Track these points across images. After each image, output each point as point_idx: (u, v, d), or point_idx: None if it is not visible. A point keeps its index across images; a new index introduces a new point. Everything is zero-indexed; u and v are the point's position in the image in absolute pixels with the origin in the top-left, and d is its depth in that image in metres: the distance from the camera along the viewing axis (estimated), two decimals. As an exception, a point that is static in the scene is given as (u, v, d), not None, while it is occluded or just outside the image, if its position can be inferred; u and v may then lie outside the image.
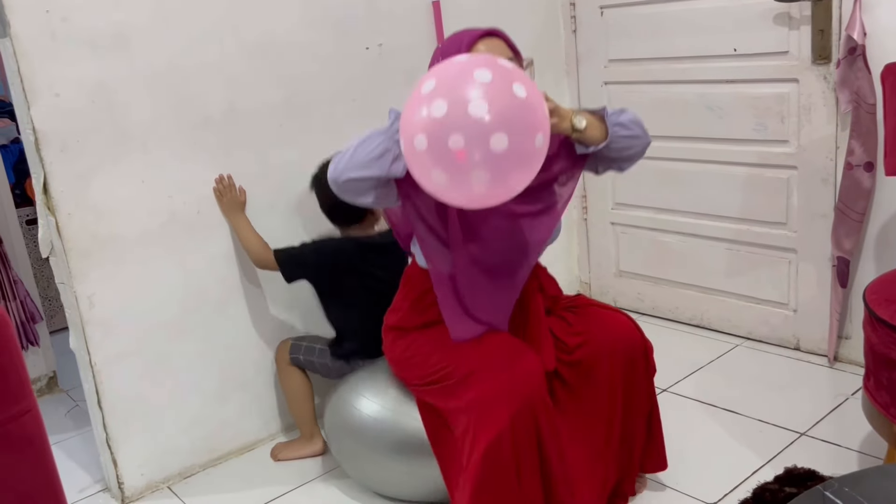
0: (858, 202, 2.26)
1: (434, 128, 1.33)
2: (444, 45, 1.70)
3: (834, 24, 2.24)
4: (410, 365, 1.81)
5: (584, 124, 1.59)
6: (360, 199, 1.60)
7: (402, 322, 1.85)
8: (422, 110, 1.35)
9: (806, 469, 1.80)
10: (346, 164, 1.55)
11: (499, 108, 1.31)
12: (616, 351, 1.75)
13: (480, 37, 1.64)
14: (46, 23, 1.90)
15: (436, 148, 1.33)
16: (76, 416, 2.70)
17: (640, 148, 1.70)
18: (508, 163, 1.34)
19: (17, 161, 3.40)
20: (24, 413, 1.20)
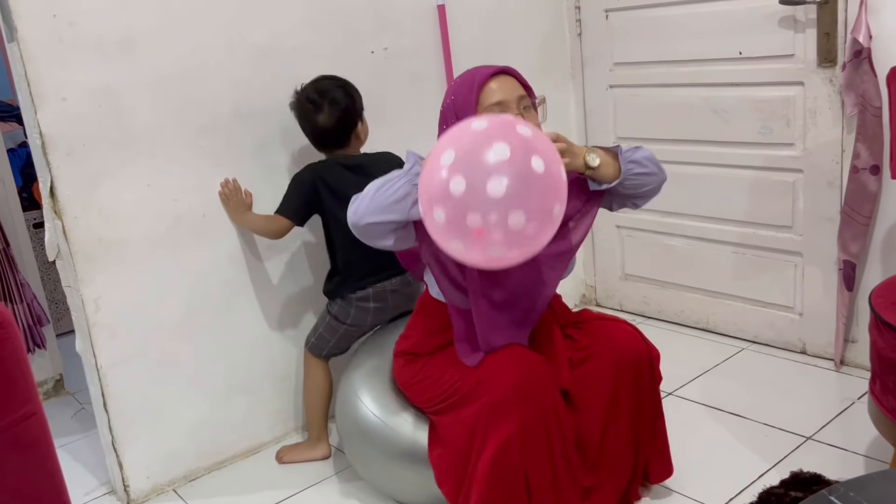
0: (864, 205, 2.25)
1: (452, 204, 1.34)
2: (455, 83, 1.70)
3: (839, 27, 2.23)
4: (422, 388, 1.81)
5: (597, 162, 1.61)
6: (380, 242, 1.63)
7: (415, 348, 1.87)
8: (441, 182, 1.35)
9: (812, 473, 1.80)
10: (366, 209, 1.58)
11: (517, 186, 1.32)
12: (621, 361, 1.74)
13: (492, 75, 1.65)
14: (53, 27, 1.91)
15: (454, 223, 1.36)
16: (82, 419, 2.71)
17: (654, 185, 1.72)
18: (526, 237, 1.37)
19: (25, 165, 3.42)
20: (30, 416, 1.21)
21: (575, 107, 3.04)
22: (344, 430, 2.03)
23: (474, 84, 1.64)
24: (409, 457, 1.86)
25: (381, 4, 2.46)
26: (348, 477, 2.17)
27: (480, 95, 1.63)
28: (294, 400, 2.44)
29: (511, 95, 1.64)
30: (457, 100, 1.66)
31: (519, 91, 1.66)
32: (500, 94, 1.63)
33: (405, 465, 1.87)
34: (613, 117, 2.92)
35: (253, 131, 2.25)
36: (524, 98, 1.66)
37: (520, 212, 1.33)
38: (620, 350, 1.75)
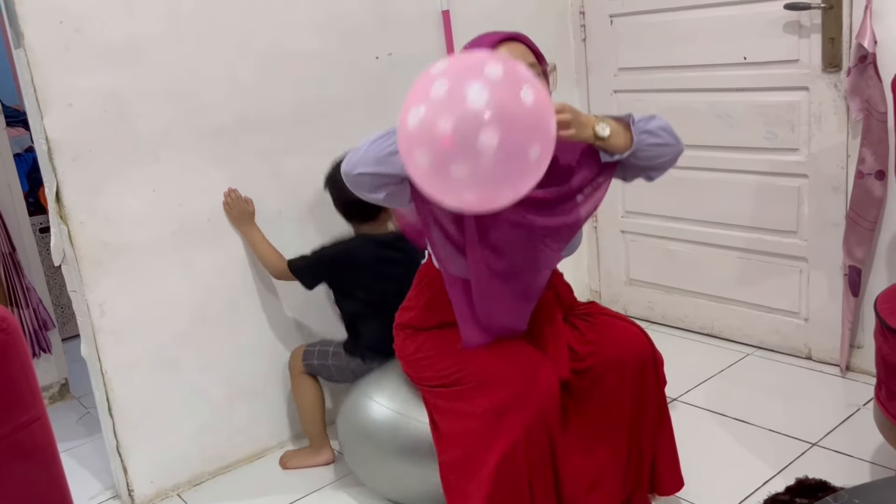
0: (870, 211, 2.25)
1: (429, 106, 1.29)
2: (466, 46, 1.68)
3: (844, 33, 2.23)
4: (422, 366, 1.79)
5: (607, 132, 1.55)
6: (371, 194, 1.58)
7: (415, 321, 1.84)
8: (425, 85, 1.31)
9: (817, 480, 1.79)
10: (359, 159, 1.55)
11: (499, 106, 1.25)
12: (626, 362, 1.73)
13: (503, 40, 1.62)
14: (60, 34, 1.92)
15: (424, 127, 1.29)
16: (87, 423, 2.71)
17: (670, 156, 1.65)
18: (495, 167, 1.28)
19: (31, 170, 3.43)
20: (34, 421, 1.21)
21: (579, 112, 3.03)
22: (346, 433, 2.03)
23: (484, 48, 1.60)
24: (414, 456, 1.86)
25: (386, 10, 2.47)
26: (352, 482, 2.16)
27: None
28: (298, 405, 2.44)
29: (521, 62, 1.61)
30: None
31: (529, 58, 1.62)
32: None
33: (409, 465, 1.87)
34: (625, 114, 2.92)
35: (258, 137, 2.26)
36: (534, 66, 1.61)
37: (493, 133, 1.24)
38: (626, 349, 1.73)
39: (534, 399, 1.61)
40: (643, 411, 1.77)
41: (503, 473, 1.59)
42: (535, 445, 1.61)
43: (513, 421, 1.59)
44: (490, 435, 1.60)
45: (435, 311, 1.81)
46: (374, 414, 1.94)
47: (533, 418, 1.60)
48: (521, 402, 1.60)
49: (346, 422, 2.03)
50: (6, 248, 2.72)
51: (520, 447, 1.58)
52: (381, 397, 1.96)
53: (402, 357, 1.87)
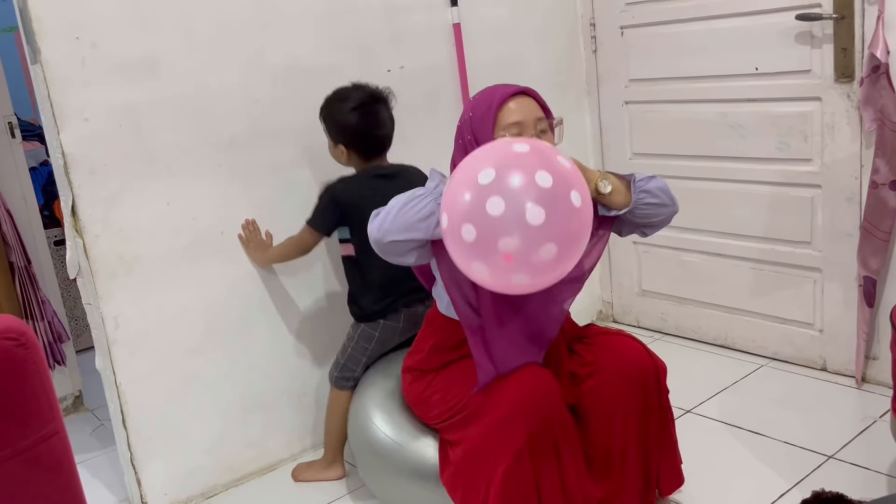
0: (884, 221, 2.24)
1: (486, 224, 1.34)
2: (474, 100, 1.71)
3: (857, 43, 2.23)
4: (430, 404, 1.81)
5: (608, 189, 1.61)
6: (401, 259, 1.63)
7: (422, 364, 1.86)
8: (477, 199, 1.34)
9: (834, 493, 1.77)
10: (390, 226, 1.58)
11: (555, 218, 1.32)
12: (626, 376, 1.73)
13: (511, 95, 1.65)
14: (76, 49, 1.94)
15: (484, 244, 1.35)
16: (101, 436, 2.72)
17: (665, 216, 1.71)
18: (552, 270, 1.38)
19: (46, 183, 3.46)
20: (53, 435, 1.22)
21: (590, 123, 3.04)
22: (357, 448, 2.02)
23: (493, 103, 1.64)
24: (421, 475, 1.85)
25: (398, 23, 2.48)
26: (362, 496, 2.16)
27: (499, 115, 1.64)
28: (311, 417, 2.44)
29: (529, 116, 1.64)
30: (475, 117, 1.66)
31: (537, 112, 1.66)
32: (519, 114, 1.63)
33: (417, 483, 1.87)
34: (629, 134, 2.92)
35: (271, 150, 2.27)
36: (542, 120, 1.66)
37: (552, 244, 1.33)
38: (625, 364, 1.74)
39: (537, 408, 1.61)
40: (648, 420, 1.76)
41: (510, 483, 1.59)
42: (541, 454, 1.61)
43: (516, 430, 1.59)
44: (495, 446, 1.60)
45: (441, 354, 1.83)
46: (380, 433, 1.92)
47: (536, 427, 1.59)
48: (523, 411, 1.60)
49: (356, 436, 2.02)
50: (22, 260, 2.74)
51: (524, 456, 1.58)
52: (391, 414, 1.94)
53: (410, 400, 1.89)
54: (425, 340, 1.87)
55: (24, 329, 1.17)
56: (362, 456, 2.00)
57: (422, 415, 1.86)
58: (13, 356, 1.15)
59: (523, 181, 1.33)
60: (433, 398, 1.80)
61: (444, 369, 1.82)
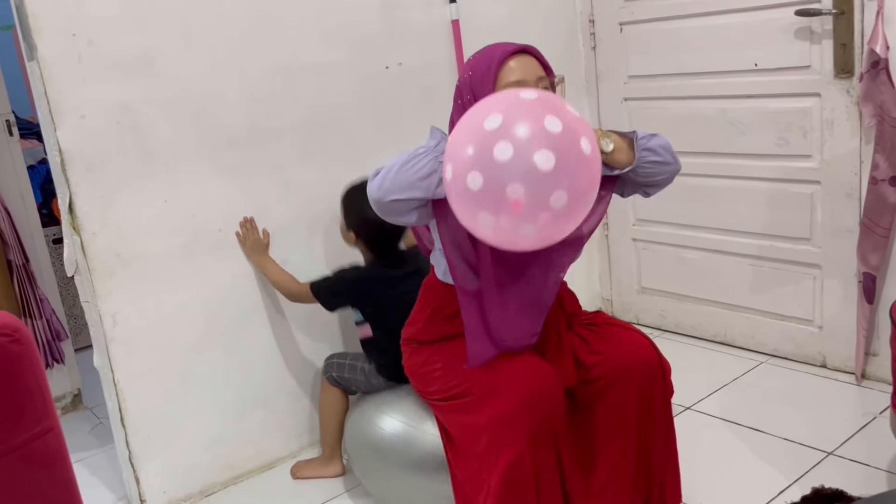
0: (884, 217, 2.23)
1: (494, 170, 1.29)
2: (474, 58, 1.68)
3: (856, 38, 2.22)
4: (429, 379, 1.79)
5: (611, 147, 1.57)
6: (402, 219, 1.60)
7: (419, 335, 1.84)
8: (484, 145, 1.30)
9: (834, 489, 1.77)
10: (390, 184, 1.53)
11: (565, 164, 1.28)
12: (633, 371, 1.72)
13: (513, 53, 1.62)
14: (73, 46, 1.93)
15: (491, 191, 1.30)
16: (100, 434, 2.72)
17: (668, 175, 1.68)
18: (562, 221, 1.34)
19: (44, 181, 3.46)
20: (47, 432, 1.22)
21: (590, 120, 3.03)
22: (354, 445, 2.02)
23: (493, 61, 1.61)
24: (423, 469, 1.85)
25: (396, 20, 2.48)
26: (361, 493, 2.16)
27: (499, 73, 1.60)
28: (309, 415, 2.44)
29: (530, 75, 1.61)
30: (475, 76, 1.64)
31: (538, 71, 1.62)
32: (520, 72, 1.60)
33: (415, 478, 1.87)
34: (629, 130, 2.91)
35: (269, 148, 2.27)
36: (543, 79, 1.62)
37: (562, 191, 1.28)
38: (633, 359, 1.72)
39: (538, 406, 1.60)
40: (651, 420, 1.75)
41: (510, 482, 1.58)
42: (541, 453, 1.60)
43: (517, 429, 1.58)
44: (496, 444, 1.60)
45: (438, 324, 1.81)
46: (381, 427, 1.93)
47: (537, 426, 1.59)
48: (525, 409, 1.59)
49: (355, 435, 2.02)
50: (20, 259, 2.74)
51: (525, 455, 1.57)
52: (390, 410, 1.95)
53: (410, 371, 1.87)
54: (422, 310, 1.84)
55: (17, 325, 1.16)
56: (360, 453, 2.00)
57: (419, 387, 1.83)
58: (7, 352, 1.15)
59: (532, 126, 1.28)
60: (434, 374, 1.77)
61: (443, 343, 1.79)
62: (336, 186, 2.18)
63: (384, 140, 2.46)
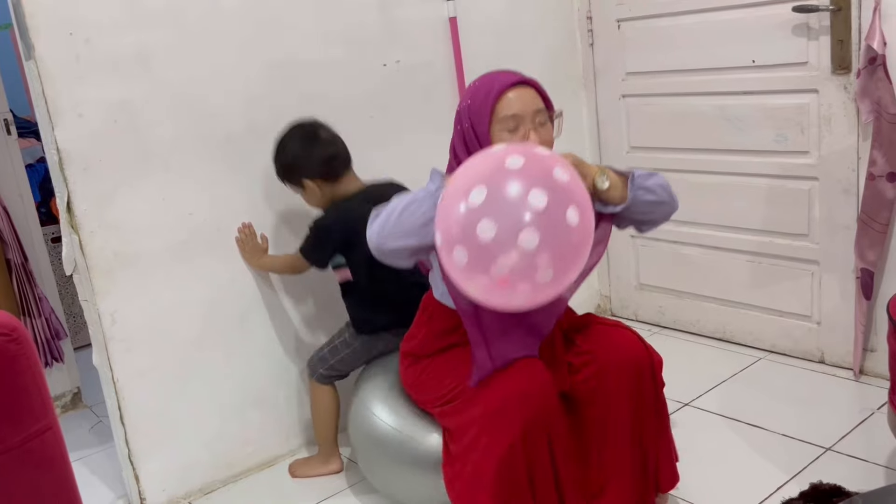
0: (882, 213, 2.23)
1: (477, 248, 1.29)
2: (474, 86, 1.67)
3: (853, 34, 2.22)
4: (425, 388, 1.81)
5: (606, 185, 1.59)
6: (400, 263, 1.63)
7: (417, 349, 1.86)
8: (468, 223, 1.30)
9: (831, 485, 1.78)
10: (390, 232, 1.56)
11: (550, 241, 1.28)
12: (622, 368, 1.72)
13: (511, 85, 1.62)
14: (70, 45, 1.93)
15: (476, 268, 1.31)
16: (100, 432, 2.73)
17: (663, 214, 1.70)
18: (551, 287, 1.34)
19: (43, 180, 3.46)
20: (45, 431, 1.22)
21: (587, 117, 3.04)
22: (357, 441, 2.03)
23: (491, 92, 1.61)
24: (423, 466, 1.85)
25: (394, 17, 2.48)
26: (362, 490, 2.16)
27: (497, 105, 1.61)
28: (308, 413, 2.44)
29: (527, 109, 1.61)
30: (473, 105, 1.64)
31: (536, 104, 1.63)
32: (517, 106, 1.61)
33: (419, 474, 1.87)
34: (626, 127, 2.92)
35: (267, 146, 2.26)
36: (541, 112, 1.63)
37: (549, 267, 1.29)
38: (621, 355, 1.73)
39: (530, 400, 1.60)
40: (643, 415, 1.75)
41: (503, 475, 1.58)
42: (535, 447, 1.60)
43: (510, 421, 1.58)
44: (489, 437, 1.60)
45: (435, 340, 1.83)
46: (380, 425, 1.93)
47: (530, 419, 1.59)
48: (517, 402, 1.59)
49: (356, 430, 2.03)
50: (18, 258, 2.74)
51: (517, 449, 1.58)
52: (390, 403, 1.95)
53: (407, 383, 1.89)
54: (420, 327, 1.87)
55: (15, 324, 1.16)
56: (363, 448, 2.00)
57: (417, 399, 1.86)
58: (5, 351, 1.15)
59: (515, 202, 1.28)
60: (428, 384, 1.80)
61: (438, 355, 1.81)
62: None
63: (382, 137, 2.46)
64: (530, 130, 1.61)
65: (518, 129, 1.61)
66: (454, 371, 1.74)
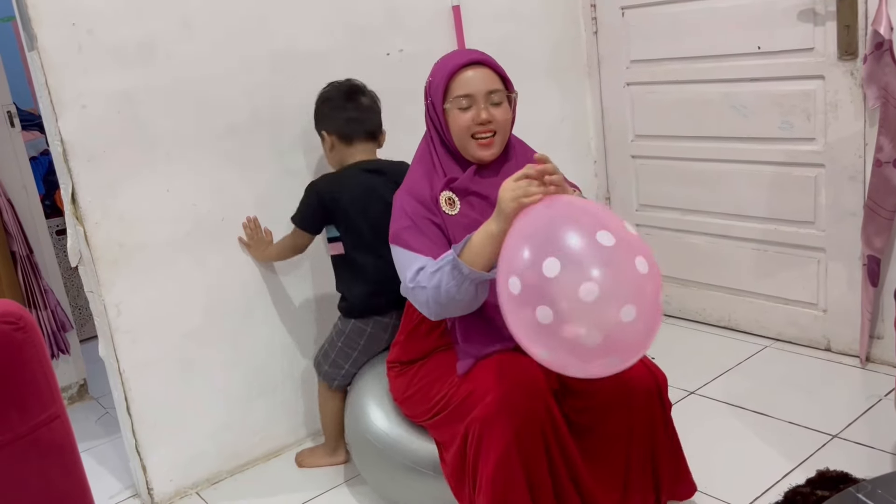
0: (888, 199, 2.22)
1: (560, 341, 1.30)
2: (435, 65, 1.72)
3: (860, 19, 2.20)
4: (414, 402, 1.78)
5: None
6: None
7: (401, 356, 1.84)
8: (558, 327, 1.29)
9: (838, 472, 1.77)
10: (431, 311, 1.59)
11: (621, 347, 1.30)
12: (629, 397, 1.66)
13: (467, 63, 1.64)
14: (73, 36, 1.93)
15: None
16: (106, 423, 2.73)
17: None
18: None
19: (47, 173, 3.46)
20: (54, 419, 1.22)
21: (592, 105, 3.02)
22: (354, 446, 2.01)
23: (446, 71, 1.65)
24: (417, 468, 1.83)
25: (397, 6, 2.46)
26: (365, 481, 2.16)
27: (450, 83, 1.65)
28: (313, 403, 2.44)
29: (480, 88, 1.63)
30: (433, 82, 1.70)
31: (491, 84, 1.64)
32: (470, 86, 1.64)
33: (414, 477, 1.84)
34: (631, 115, 2.91)
35: (271, 135, 2.26)
36: (496, 92, 1.65)
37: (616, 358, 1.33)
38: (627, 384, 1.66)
39: (518, 398, 1.56)
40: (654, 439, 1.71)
41: (500, 479, 1.55)
42: (529, 448, 1.56)
43: (501, 425, 1.55)
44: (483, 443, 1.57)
45: (417, 341, 1.81)
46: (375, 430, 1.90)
47: (521, 418, 1.55)
48: (506, 403, 1.56)
49: (353, 436, 2.01)
50: (24, 250, 2.74)
51: (512, 450, 1.54)
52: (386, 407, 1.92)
53: (397, 399, 1.86)
54: (402, 330, 1.86)
55: (22, 313, 1.16)
56: (359, 450, 1.98)
57: (409, 413, 1.83)
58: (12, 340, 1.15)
59: (613, 311, 1.26)
60: (416, 396, 1.77)
61: (422, 363, 1.79)
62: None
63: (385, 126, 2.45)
64: (482, 110, 1.63)
65: (471, 108, 1.64)
66: (440, 380, 1.71)
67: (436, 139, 1.73)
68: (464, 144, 1.68)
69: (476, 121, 1.64)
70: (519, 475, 1.56)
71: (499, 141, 1.68)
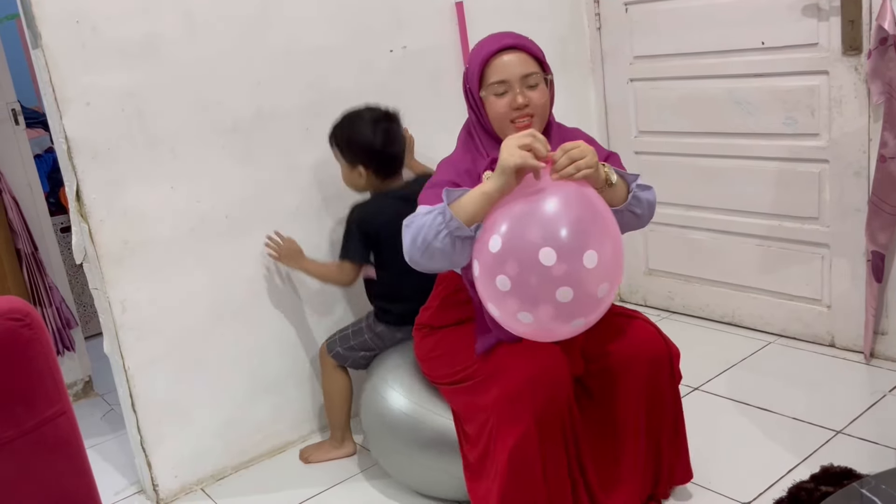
0: (893, 195, 2.22)
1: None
2: (472, 52, 1.72)
3: (864, 15, 2.20)
4: (438, 364, 1.80)
5: (615, 178, 1.60)
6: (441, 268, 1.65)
7: (432, 320, 1.86)
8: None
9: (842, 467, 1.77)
10: (419, 260, 1.59)
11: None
12: (640, 361, 1.72)
13: (502, 49, 1.64)
14: (77, 33, 1.93)
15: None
16: (112, 420, 2.74)
17: (630, 228, 1.71)
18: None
19: (52, 170, 3.47)
20: (59, 415, 1.23)
21: (595, 101, 3.02)
22: (370, 425, 2.03)
23: (480, 58, 1.65)
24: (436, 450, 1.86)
25: (400, 3, 2.46)
26: (374, 474, 2.17)
27: (485, 70, 1.65)
28: (319, 399, 2.45)
29: (515, 73, 1.63)
30: (469, 69, 1.70)
31: (526, 68, 1.64)
32: (505, 71, 1.64)
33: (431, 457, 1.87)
34: (634, 111, 2.90)
35: (275, 132, 2.27)
36: (532, 75, 1.65)
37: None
38: (640, 349, 1.73)
39: (543, 384, 1.60)
40: (660, 409, 1.75)
41: (517, 461, 1.58)
42: (548, 433, 1.60)
43: (523, 407, 1.58)
44: (502, 423, 1.60)
45: (450, 309, 1.83)
46: (394, 408, 1.94)
47: (543, 404, 1.59)
48: (530, 387, 1.59)
49: (369, 414, 2.03)
50: (28, 247, 2.75)
51: (532, 434, 1.58)
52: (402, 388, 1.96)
53: (419, 356, 1.89)
54: (436, 296, 1.88)
55: (28, 310, 1.17)
56: (376, 432, 2.01)
57: (427, 372, 1.86)
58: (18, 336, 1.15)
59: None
60: (441, 359, 1.80)
61: (453, 328, 1.81)
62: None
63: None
64: (517, 95, 1.63)
65: (506, 93, 1.64)
66: (467, 350, 1.74)
67: (476, 125, 1.73)
68: (503, 129, 1.67)
69: (513, 106, 1.64)
70: (535, 460, 1.59)
71: (537, 123, 1.68)
